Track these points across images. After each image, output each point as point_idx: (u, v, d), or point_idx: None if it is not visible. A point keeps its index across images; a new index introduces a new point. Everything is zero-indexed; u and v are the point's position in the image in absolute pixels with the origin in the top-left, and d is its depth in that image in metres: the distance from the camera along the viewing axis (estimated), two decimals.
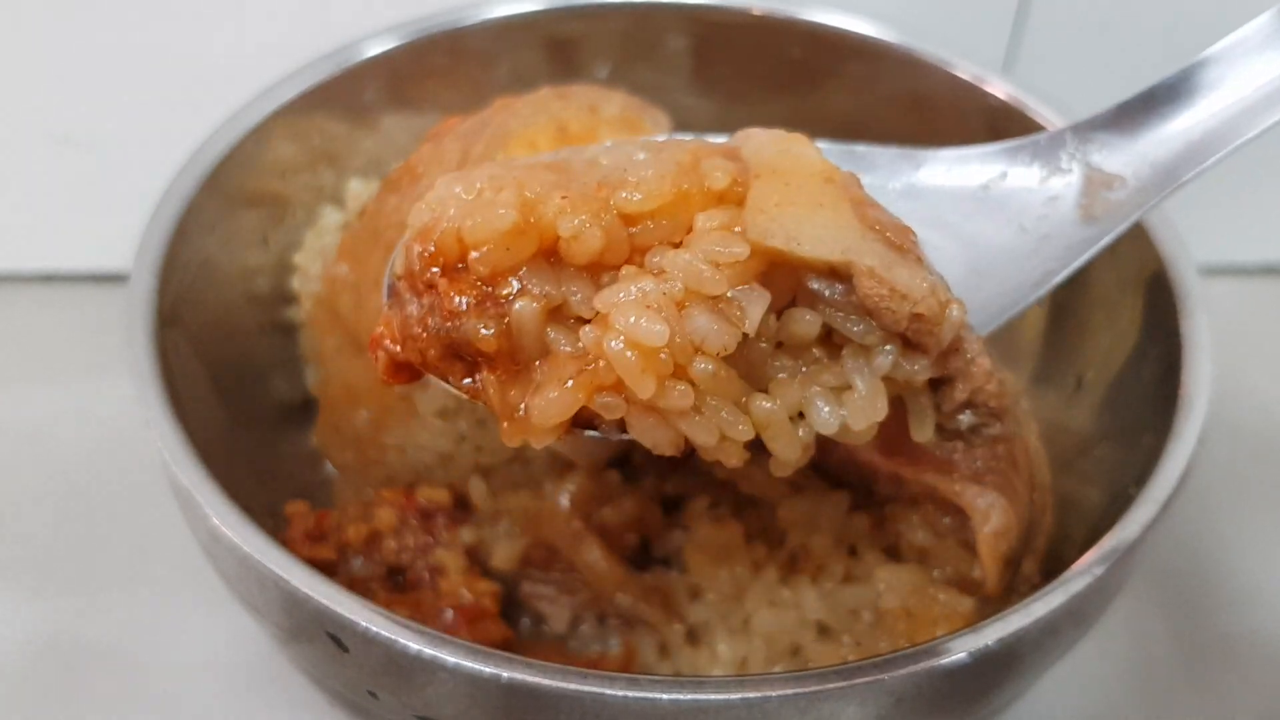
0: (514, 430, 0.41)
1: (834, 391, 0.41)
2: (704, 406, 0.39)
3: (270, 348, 0.66)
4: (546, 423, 0.40)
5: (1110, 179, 0.50)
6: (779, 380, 0.40)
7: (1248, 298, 0.82)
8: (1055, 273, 0.49)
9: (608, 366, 0.38)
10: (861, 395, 0.40)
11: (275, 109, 0.63)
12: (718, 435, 0.40)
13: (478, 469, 0.59)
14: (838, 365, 0.41)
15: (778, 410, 0.40)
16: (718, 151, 0.42)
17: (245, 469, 0.55)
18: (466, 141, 0.59)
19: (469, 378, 0.42)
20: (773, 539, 0.57)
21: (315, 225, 0.67)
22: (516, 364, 0.41)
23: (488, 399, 0.41)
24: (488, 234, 0.39)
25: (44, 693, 0.59)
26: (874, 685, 0.43)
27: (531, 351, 0.40)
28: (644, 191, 0.40)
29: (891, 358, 0.41)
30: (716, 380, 0.39)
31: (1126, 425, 0.57)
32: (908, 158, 0.52)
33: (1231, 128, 0.48)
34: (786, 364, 0.41)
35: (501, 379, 0.41)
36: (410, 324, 0.42)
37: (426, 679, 0.44)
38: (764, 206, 0.39)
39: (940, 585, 0.53)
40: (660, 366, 0.38)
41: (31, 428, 0.72)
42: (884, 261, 0.39)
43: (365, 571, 0.57)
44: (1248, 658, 0.63)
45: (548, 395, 0.39)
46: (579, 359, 0.40)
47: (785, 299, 0.40)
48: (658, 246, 0.40)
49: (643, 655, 0.58)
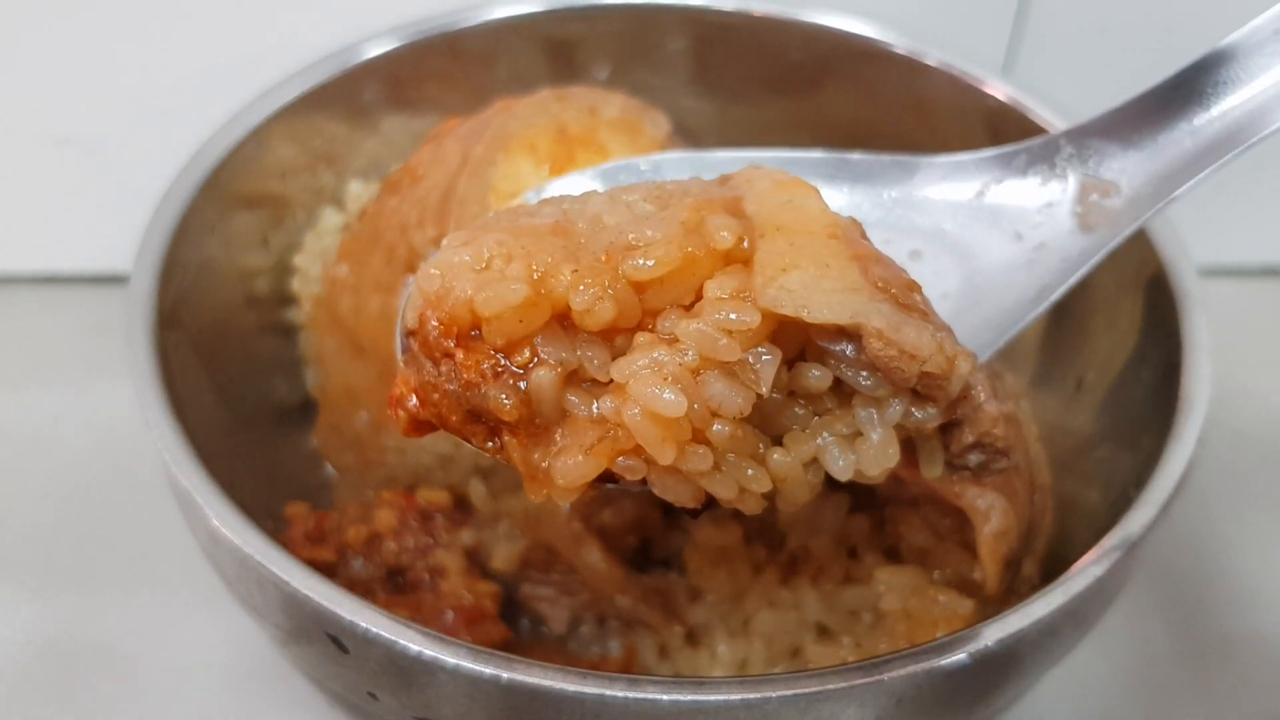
0: (537, 487, 0.42)
1: (846, 439, 0.41)
2: (723, 464, 0.40)
3: (270, 349, 0.66)
4: (570, 485, 0.41)
5: (1106, 186, 0.50)
6: (793, 433, 0.41)
7: (1248, 299, 0.82)
8: (1053, 287, 0.49)
9: (627, 433, 0.39)
10: (874, 444, 0.41)
11: (275, 110, 0.64)
12: (737, 489, 0.41)
13: (477, 470, 0.59)
14: (848, 414, 0.41)
15: (793, 462, 0.41)
16: (720, 205, 0.43)
17: (245, 470, 0.55)
18: (466, 143, 0.59)
19: (490, 440, 0.43)
20: (772, 540, 0.57)
21: (315, 227, 0.67)
22: (537, 428, 0.41)
23: (511, 460, 0.42)
24: (500, 307, 0.40)
25: (44, 693, 0.59)
26: (874, 686, 0.43)
27: (551, 417, 0.41)
28: (653, 258, 0.41)
29: (902, 408, 0.41)
30: (733, 440, 0.40)
31: (1126, 427, 0.57)
32: (901, 166, 0.52)
33: (1230, 135, 0.48)
34: (798, 412, 0.42)
35: (523, 443, 0.42)
36: (428, 389, 0.43)
37: (426, 680, 0.44)
38: (771, 273, 0.40)
39: (940, 586, 0.53)
40: (679, 433, 0.39)
41: (31, 429, 0.72)
42: (891, 322, 0.40)
43: (365, 573, 0.57)
44: (1248, 658, 0.63)
45: (570, 460, 0.40)
46: (599, 424, 0.40)
47: (795, 351, 0.41)
48: (668, 310, 0.41)
49: (643, 656, 0.58)
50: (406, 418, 0.44)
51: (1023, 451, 0.55)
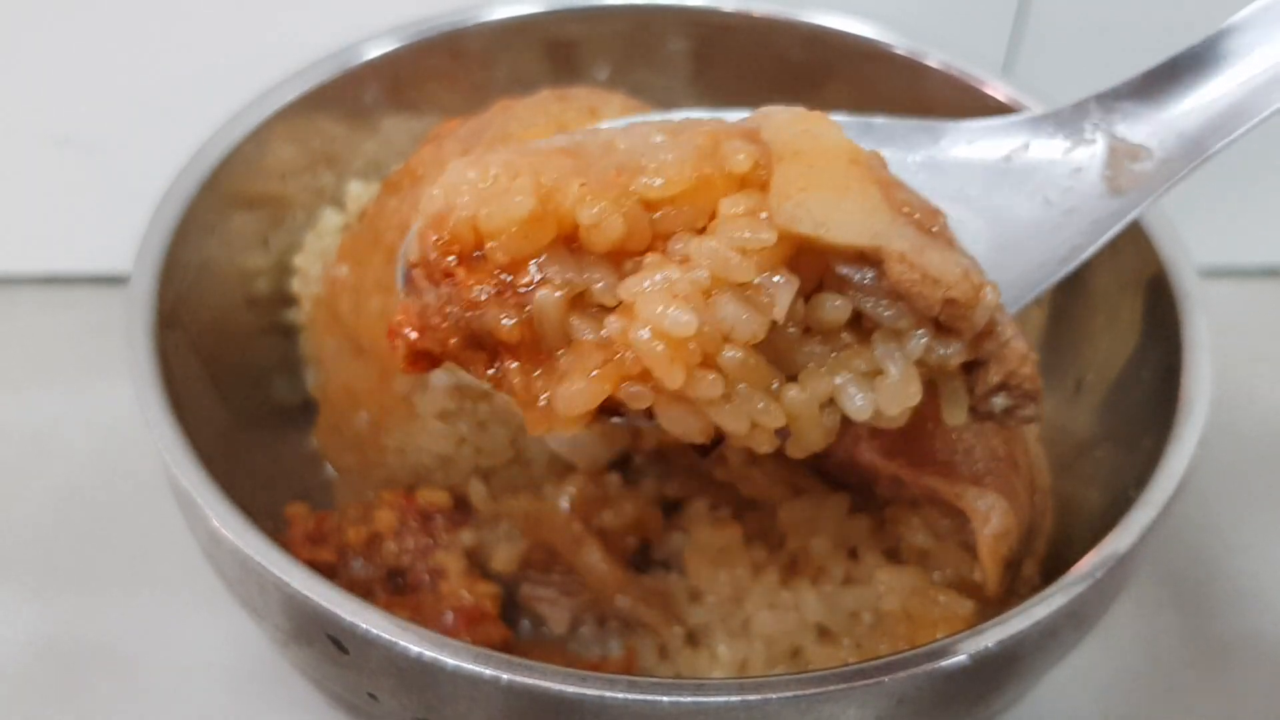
0: (538, 420, 0.40)
1: (865, 377, 0.40)
2: (734, 394, 0.38)
3: (270, 349, 0.66)
4: (571, 413, 0.39)
5: (1136, 150, 0.48)
6: (809, 369, 0.39)
7: (1248, 300, 0.82)
8: (1083, 248, 0.47)
9: (634, 356, 0.38)
10: (894, 380, 0.39)
11: (275, 111, 0.63)
12: (748, 423, 0.39)
13: (478, 471, 0.59)
14: (868, 350, 0.40)
15: (809, 399, 0.39)
16: (737, 133, 0.41)
17: (245, 471, 0.55)
18: (467, 144, 0.59)
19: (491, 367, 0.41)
20: (772, 541, 0.57)
21: (315, 227, 0.67)
22: (540, 353, 0.40)
23: (511, 388, 0.40)
24: (504, 222, 0.39)
25: (44, 694, 0.59)
26: (874, 687, 0.43)
27: (555, 341, 0.40)
28: (664, 176, 0.39)
29: (924, 342, 0.39)
30: (746, 368, 0.38)
31: (1126, 428, 0.57)
32: (927, 130, 0.51)
33: (1262, 96, 0.47)
34: (815, 349, 0.40)
35: (525, 368, 0.40)
36: (429, 313, 0.41)
37: (426, 681, 0.44)
38: (789, 191, 0.38)
39: (940, 587, 0.53)
40: (689, 356, 0.37)
41: (31, 429, 0.72)
42: (915, 245, 0.38)
43: (365, 573, 0.57)
44: (1249, 660, 0.63)
45: (573, 386, 0.38)
46: (604, 348, 0.39)
47: (813, 283, 0.39)
48: (680, 233, 0.39)
49: (643, 657, 0.57)
50: (405, 348, 0.42)
51: (1023, 452, 0.55)
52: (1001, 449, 0.53)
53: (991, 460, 0.53)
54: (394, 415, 0.58)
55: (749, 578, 0.56)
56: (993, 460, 0.53)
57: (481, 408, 0.57)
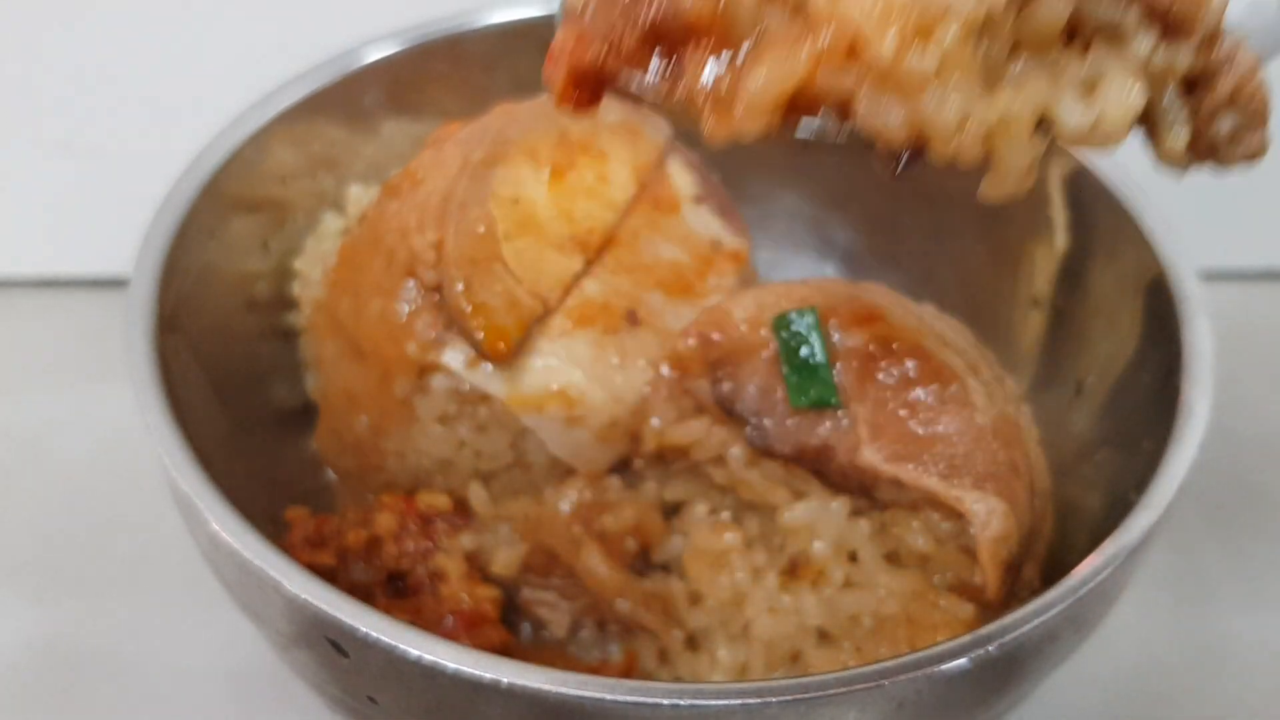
0: (719, 122, 0.36)
1: (1084, 85, 0.36)
2: (947, 78, 0.35)
3: (270, 353, 0.66)
4: (761, 101, 0.35)
5: None
6: (1024, 73, 0.36)
7: (1249, 303, 0.82)
8: None
9: (838, 31, 0.34)
10: (1115, 84, 0.36)
11: (275, 115, 0.63)
12: (959, 117, 0.35)
13: (478, 474, 0.59)
14: (1082, 62, 0.36)
15: (1023, 103, 0.36)
16: None
17: (245, 474, 0.55)
18: (467, 147, 0.59)
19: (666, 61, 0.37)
20: (772, 545, 0.57)
21: (315, 231, 0.67)
22: (726, 43, 0.36)
23: (688, 90, 0.37)
24: None
25: (43, 697, 0.59)
26: (874, 691, 0.43)
27: (744, 26, 0.36)
28: None
29: (1150, 42, 0.36)
30: (960, 55, 0.34)
31: (1127, 431, 0.57)
32: None
33: None
34: (1027, 68, 0.36)
35: (705, 57, 0.36)
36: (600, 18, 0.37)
37: (426, 684, 0.44)
38: None
39: (941, 591, 0.53)
40: (904, 18, 0.34)
41: (31, 433, 0.72)
42: None
43: (365, 577, 0.57)
44: (1249, 662, 0.63)
45: (766, 65, 0.35)
46: (801, 29, 0.35)
47: None
48: None
49: (643, 661, 0.57)
50: (565, 70, 0.38)
51: (1023, 455, 0.55)
52: (1001, 453, 0.53)
53: (991, 464, 0.53)
54: (394, 419, 0.58)
55: (749, 581, 0.56)
56: (993, 464, 0.53)
57: (481, 411, 0.57)
